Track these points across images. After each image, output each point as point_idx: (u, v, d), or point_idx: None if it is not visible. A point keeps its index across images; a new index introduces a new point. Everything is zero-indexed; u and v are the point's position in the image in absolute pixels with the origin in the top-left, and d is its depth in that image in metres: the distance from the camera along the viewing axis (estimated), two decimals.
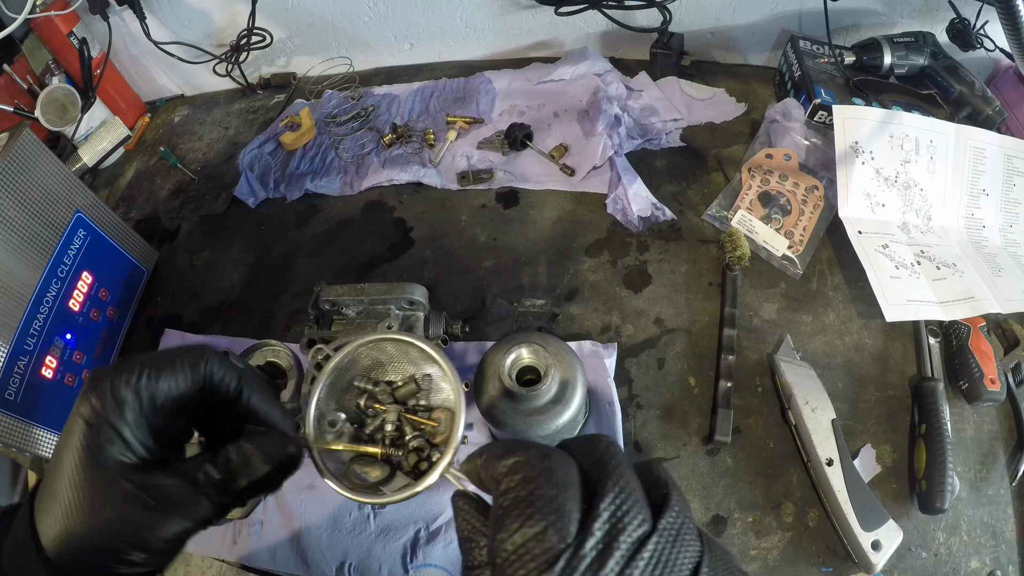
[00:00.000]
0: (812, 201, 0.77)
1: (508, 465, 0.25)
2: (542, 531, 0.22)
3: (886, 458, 0.60)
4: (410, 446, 0.41)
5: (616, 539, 0.22)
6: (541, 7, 0.94)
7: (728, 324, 0.67)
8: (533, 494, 0.23)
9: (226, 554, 0.63)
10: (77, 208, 0.69)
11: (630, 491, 0.24)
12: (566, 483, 0.24)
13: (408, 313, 0.65)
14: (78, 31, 0.95)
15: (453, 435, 0.38)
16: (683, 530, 0.24)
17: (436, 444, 0.42)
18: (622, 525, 0.23)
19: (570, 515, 0.23)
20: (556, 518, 0.23)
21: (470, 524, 0.27)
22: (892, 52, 0.82)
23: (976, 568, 0.55)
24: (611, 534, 0.22)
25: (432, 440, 0.42)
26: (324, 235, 0.85)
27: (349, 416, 0.44)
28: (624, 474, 0.25)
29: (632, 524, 0.23)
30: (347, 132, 0.94)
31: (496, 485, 0.26)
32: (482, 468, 0.27)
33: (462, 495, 0.29)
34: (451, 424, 0.39)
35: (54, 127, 0.93)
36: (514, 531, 0.23)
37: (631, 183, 0.78)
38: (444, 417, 0.44)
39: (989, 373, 0.61)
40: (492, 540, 0.23)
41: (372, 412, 0.44)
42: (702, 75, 0.96)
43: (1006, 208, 0.75)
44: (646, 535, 0.23)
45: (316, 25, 1.04)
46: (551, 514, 0.23)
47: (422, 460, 0.41)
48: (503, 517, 0.24)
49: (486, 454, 0.27)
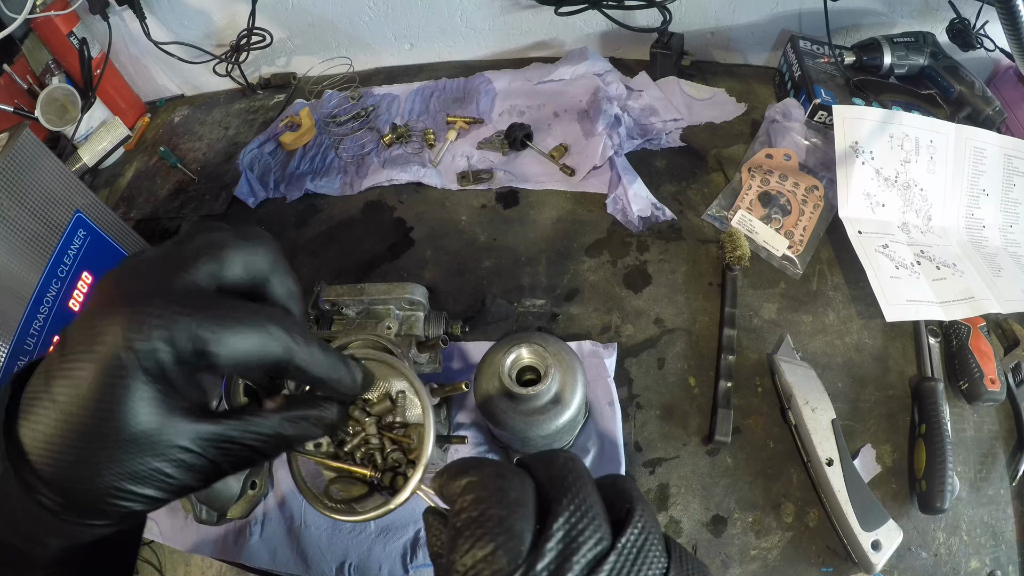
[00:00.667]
0: (812, 201, 0.77)
1: (462, 485, 0.25)
2: (491, 552, 0.22)
3: (886, 458, 0.60)
4: (388, 462, 0.41)
5: (569, 559, 0.22)
6: (541, 7, 0.94)
7: (728, 324, 0.67)
8: (484, 514, 0.23)
9: (226, 554, 0.63)
10: (77, 208, 0.69)
11: (587, 508, 0.23)
12: (519, 502, 0.24)
13: (408, 313, 0.65)
14: (78, 31, 0.95)
15: (422, 452, 0.38)
16: (646, 546, 0.23)
17: (411, 460, 0.42)
18: (576, 545, 0.22)
19: (522, 535, 0.22)
20: (506, 539, 0.22)
21: (439, 540, 0.27)
22: (892, 52, 0.82)
23: (976, 568, 0.55)
24: (564, 554, 0.22)
25: (408, 456, 0.42)
26: (324, 235, 0.85)
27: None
28: (581, 490, 0.24)
29: (588, 543, 0.22)
30: (347, 132, 0.94)
31: (452, 504, 0.25)
32: (442, 487, 0.27)
33: (432, 511, 0.29)
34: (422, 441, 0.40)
35: (54, 127, 0.93)
36: (465, 552, 0.22)
37: (631, 183, 0.78)
38: (418, 434, 0.43)
39: (989, 373, 0.61)
40: (446, 560, 0.23)
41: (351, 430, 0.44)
42: (702, 75, 0.96)
43: (1006, 208, 0.75)
44: (603, 553, 0.23)
45: (316, 25, 1.04)
46: (501, 535, 0.22)
47: (397, 476, 0.41)
48: (455, 538, 0.23)
49: (446, 473, 0.27)
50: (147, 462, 0.24)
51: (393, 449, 0.42)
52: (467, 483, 0.25)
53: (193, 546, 0.64)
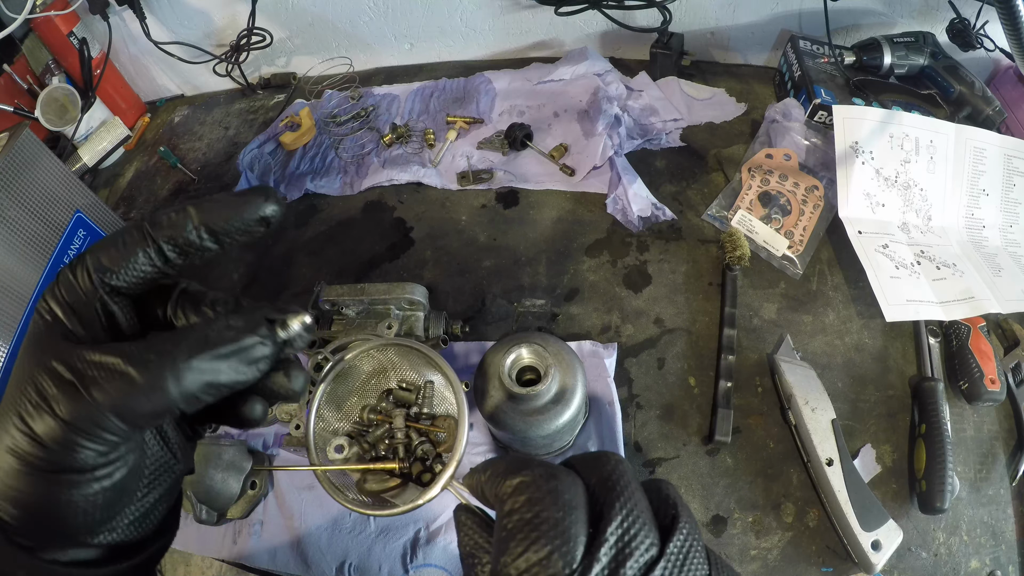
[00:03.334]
0: (812, 201, 0.77)
1: (513, 485, 0.25)
2: (547, 556, 0.22)
3: (886, 458, 0.60)
4: (416, 454, 0.41)
5: (623, 565, 0.22)
6: (541, 7, 0.94)
7: (728, 324, 0.67)
8: (539, 516, 0.23)
9: (226, 554, 0.62)
10: (77, 208, 0.69)
11: (638, 514, 0.23)
12: (572, 505, 0.23)
13: (408, 313, 0.65)
14: (78, 31, 0.95)
15: (457, 445, 0.37)
16: (691, 553, 0.24)
17: (440, 453, 0.42)
18: (629, 551, 0.22)
19: (576, 539, 0.22)
20: (562, 542, 0.22)
21: (472, 540, 0.27)
22: (892, 52, 0.82)
23: (976, 568, 0.55)
24: (618, 560, 0.22)
25: (437, 448, 0.42)
26: (324, 235, 0.85)
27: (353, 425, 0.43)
28: (633, 495, 0.24)
29: (639, 549, 0.23)
30: (347, 132, 0.94)
31: (500, 505, 0.25)
32: (486, 485, 0.26)
33: (465, 509, 0.29)
34: (455, 433, 0.39)
35: (54, 127, 0.93)
36: (518, 555, 0.22)
37: (631, 183, 0.78)
38: (447, 425, 0.43)
39: (989, 373, 0.61)
40: (495, 562, 0.23)
41: (376, 421, 0.44)
42: (702, 75, 0.96)
43: (1006, 208, 0.75)
44: (653, 560, 0.23)
45: (316, 25, 1.04)
46: (556, 538, 0.22)
47: (426, 470, 0.41)
48: (507, 540, 0.23)
49: (490, 470, 0.27)
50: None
51: (421, 441, 0.42)
52: (519, 483, 0.25)
53: (193, 546, 0.64)
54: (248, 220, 0.26)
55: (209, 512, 0.61)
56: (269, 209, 0.26)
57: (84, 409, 0.22)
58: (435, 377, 0.45)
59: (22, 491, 0.23)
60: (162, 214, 0.25)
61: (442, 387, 0.45)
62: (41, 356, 0.24)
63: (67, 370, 0.23)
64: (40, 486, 0.23)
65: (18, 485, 0.23)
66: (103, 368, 0.23)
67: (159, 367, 0.23)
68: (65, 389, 0.23)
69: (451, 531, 0.60)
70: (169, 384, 0.23)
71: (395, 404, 0.44)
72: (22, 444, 0.23)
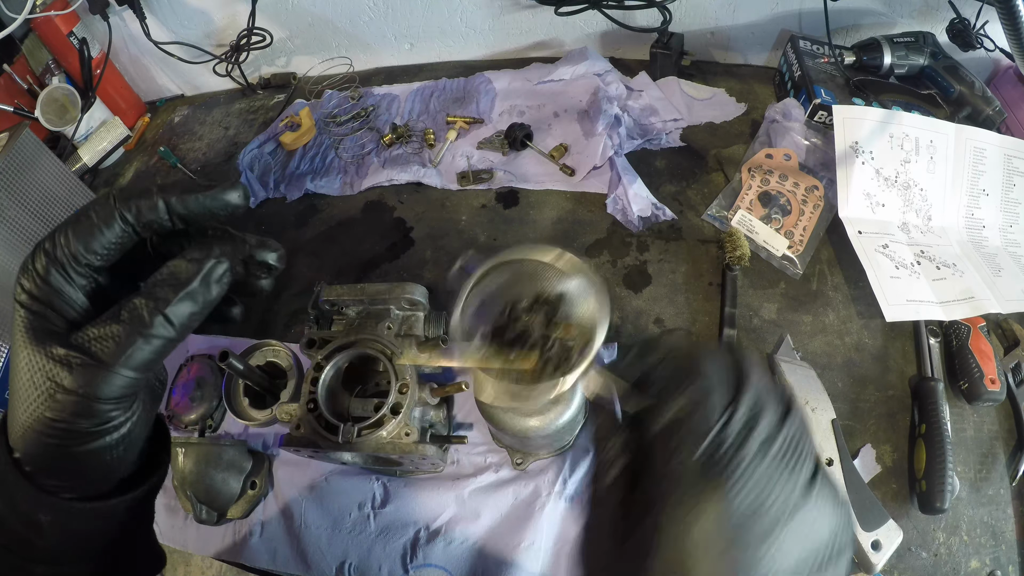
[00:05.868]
0: (812, 201, 0.77)
1: (662, 354, 0.30)
2: (694, 409, 0.26)
3: (886, 458, 0.60)
4: (555, 348, 0.42)
5: (752, 431, 0.26)
6: (541, 7, 0.94)
7: (728, 324, 0.67)
8: (692, 372, 0.28)
9: (226, 554, 0.63)
10: (77, 208, 0.69)
11: (769, 388, 0.28)
12: (712, 373, 0.28)
13: (408, 313, 0.65)
14: (78, 31, 0.95)
15: (595, 338, 0.39)
16: (801, 436, 0.28)
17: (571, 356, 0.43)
18: (755, 420, 0.26)
19: (716, 404, 0.27)
20: (704, 403, 0.27)
21: (605, 427, 0.32)
22: (892, 52, 0.82)
23: (976, 568, 0.55)
24: (748, 425, 0.26)
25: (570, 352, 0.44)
26: (324, 235, 0.85)
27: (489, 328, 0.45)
28: (764, 374, 0.29)
29: (767, 417, 0.27)
30: (347, 132, 0.94)
31: (652, 371, 0.30)
32: (635, 357, 0.31)
33: (598, 405, 0.33)
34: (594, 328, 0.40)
35: (54, 127, 0.93)
36: (668, 409, 0.27)
37: (631, 183, 0.78)
38: (579, 335, 0.45)
39: (989, 373, 0.61)
40: (650, 413, 0.28)
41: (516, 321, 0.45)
42: (702, 75, 0.96)
43: (1006, 208, 0.75)
44: (774, 433, 0.27)
45: (316, 25, 1.04)
46: (700, 400, 0.27)
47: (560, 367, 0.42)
48: (661, 393, 0.28)
49: (636, 348, 0.32)
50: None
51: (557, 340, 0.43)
52: (667, 351, 0.30)
53: (193, 546, 0.64)
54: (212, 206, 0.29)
55: (209, 512, 0.61)
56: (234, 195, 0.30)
57: (99, 375, 0.26)
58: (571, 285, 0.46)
59: (49, 453, 0.27)
60: (130, 190, 0.29)
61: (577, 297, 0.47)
62: (41, 346, 0.26)
63: (73, 351, 0.26)
64: (65, 447, 0.27)
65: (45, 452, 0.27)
66: (103, 339, 0.26)
67: (152, 315, 0.27)
68: (75, 367, 0.26)
69: (451, 531, 0.60)
70: (161, 328, 0.27)
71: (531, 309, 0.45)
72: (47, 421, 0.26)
